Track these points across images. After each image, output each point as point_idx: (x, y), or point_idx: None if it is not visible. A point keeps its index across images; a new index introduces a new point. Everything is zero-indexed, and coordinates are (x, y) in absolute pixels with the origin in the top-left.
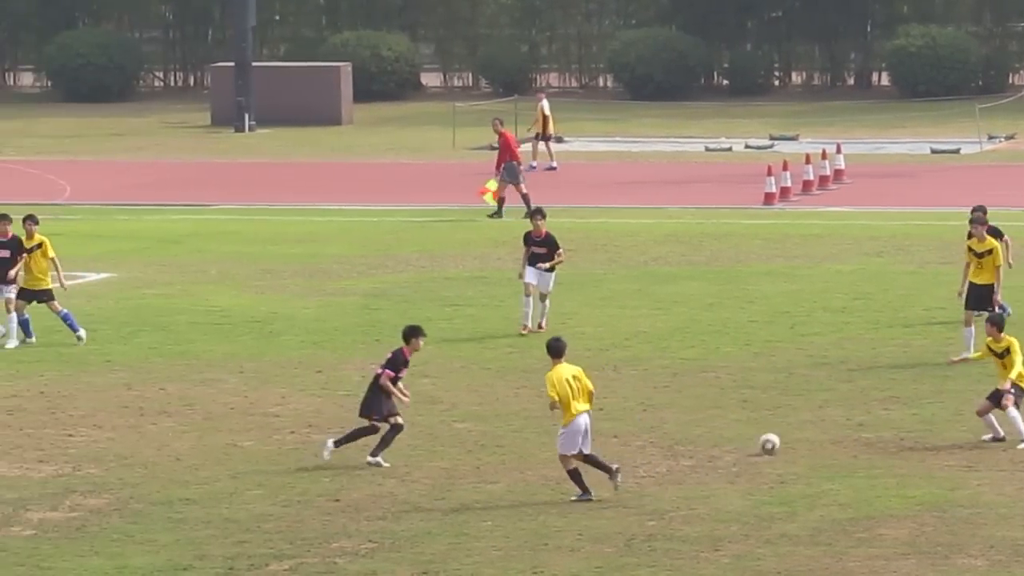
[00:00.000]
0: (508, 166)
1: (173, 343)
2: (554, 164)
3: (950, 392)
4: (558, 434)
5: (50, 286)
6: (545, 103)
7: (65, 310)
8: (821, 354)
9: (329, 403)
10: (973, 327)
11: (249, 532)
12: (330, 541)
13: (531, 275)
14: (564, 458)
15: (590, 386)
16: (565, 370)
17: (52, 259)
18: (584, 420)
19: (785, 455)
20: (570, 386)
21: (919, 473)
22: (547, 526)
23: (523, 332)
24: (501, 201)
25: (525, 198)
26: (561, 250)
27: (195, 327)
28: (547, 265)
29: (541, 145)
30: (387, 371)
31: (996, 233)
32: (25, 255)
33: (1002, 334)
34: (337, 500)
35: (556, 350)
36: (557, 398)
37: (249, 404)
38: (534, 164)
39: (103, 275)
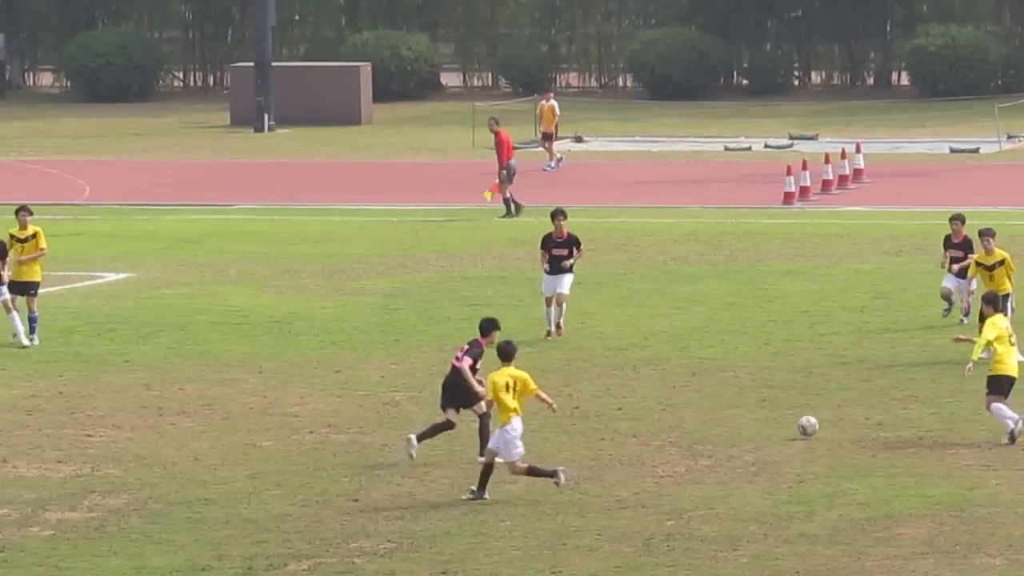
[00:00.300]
0: (506, 166)
1: (192, 343)
2: (559, 156)
3: (969, 391)
4: (501, 440)
5: (38, 279)
6: (554, 102)
7: (37, 314)
8: (840, 353)
9: (348, 403)
10: None
11: (268, 532)
12: (349, 541)
13: (548, 286)
14: (516, 467)
15: (533, 389)
16: (507, 374)
17: (41, 249)
18: (519, 424)
19: (804, 454)
20: (508, 389)
21: (938, 472)
22: (566, 526)
23: (548, 337)
24: (506, 201)
25: (505, 201)
26: (583, 246)
27: (214, 327)
28: (569, 263)
29: (546, 144)
30: (467, 358)
31: (969, 245)
32: (7, 258)
33: (997, 313)
34: (356, 500)
35: (506, 353)
36: (493, 398)
37: (268, 404)
38: (552, 165)
39: (122, 275)
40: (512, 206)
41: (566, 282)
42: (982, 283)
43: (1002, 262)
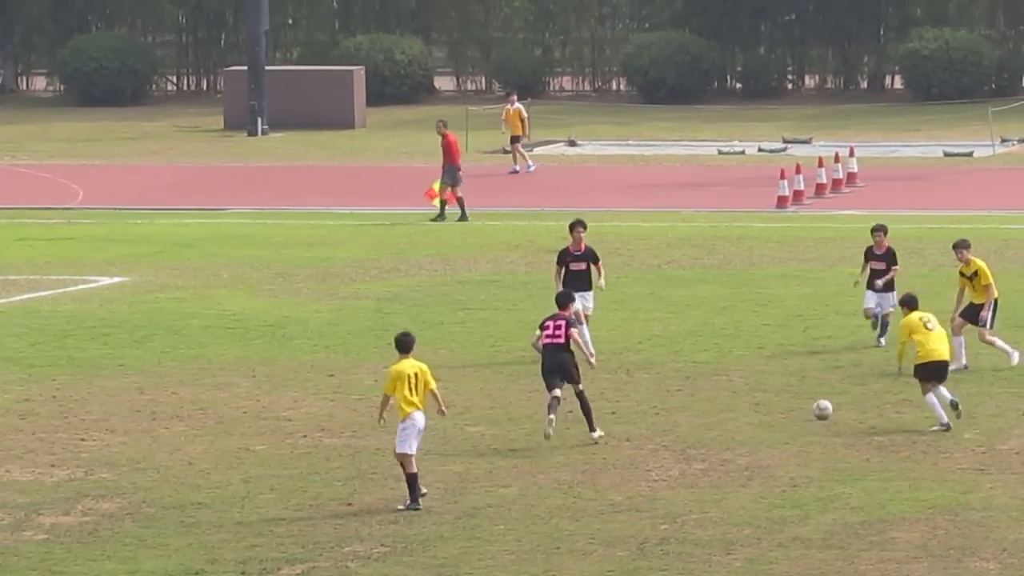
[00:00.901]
0: (448, 169)
1: (186, 347)
2: (517, 168)
3: (962, 395)
4: (398, 429)
5: None
6: (519, 105)
7: None
8: (834, 357)
9: (342, 407)
10: (964, 337)
11: (261, 536)
12: (342, 545)
13: (578, 301)
14: (405, 459)
15: (432, 385)
16: (408, 366)
17: None
18: (420, 419)
19: (797, 458)
20: (409, 383)
21: (931, 476)
22: (560, 530)
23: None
24: (443, 203)
25: (460, 201)
26: (600, 261)
27: (208, 331)
28: (601, 282)
29: (515, 147)
30: (572, 330)
31: (893, 257)
32: None
33: (912, 312)
34: (349, 504)
35: (405, 345)
36: (393, 393)
37: (261, 408)
38: (531, 167)
39: (116, 279)
40: (443, 209)
41: (590, 298)
42: (969, 293)
43: (976, 272)
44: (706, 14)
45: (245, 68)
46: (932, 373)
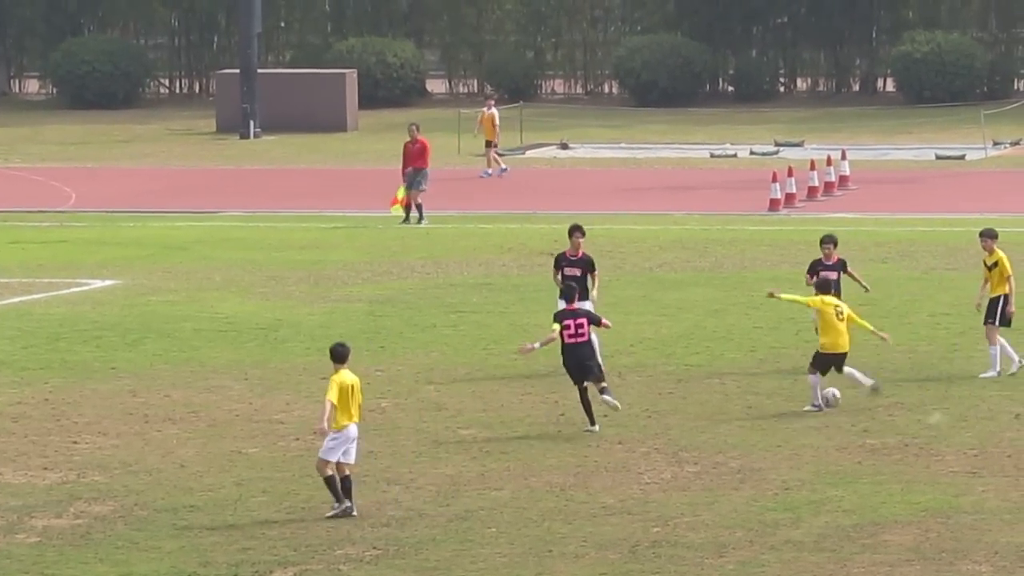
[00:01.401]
0: (420, 172)
1: (178, 350)
2: (504, 167)
3: (954, 398)
4: (327, 438)
5: None
6: (495, 110)
7: None
8: None
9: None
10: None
11: (254, 539)
12: (334, 548)
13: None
14: (323, 464)
15: (360, 399)
16: (347, 377)
17: None
18: (354, 431)
19: (790, 461)
20: (348, 395)
21: (924, 479)
22: (552, 533)
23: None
24: (419, 207)
25: (418, 208)
26: (596, 271)
27: (200, 334)
28: (594, 293)
29: (489, 151)
30: (605, 322)
31: (843, 266)
32: None
33: (827, 297)
34: None
35: (340, 355)
36: (335, 402)
37: (254, 411)
38: (489, 172)
39: (108, 282)
40: (420, 212)
41: (587, 307)
42: (990, 286)
43: (996, 263)
44: (698, 17)
45: (237, 71)
46: (829, 363)
